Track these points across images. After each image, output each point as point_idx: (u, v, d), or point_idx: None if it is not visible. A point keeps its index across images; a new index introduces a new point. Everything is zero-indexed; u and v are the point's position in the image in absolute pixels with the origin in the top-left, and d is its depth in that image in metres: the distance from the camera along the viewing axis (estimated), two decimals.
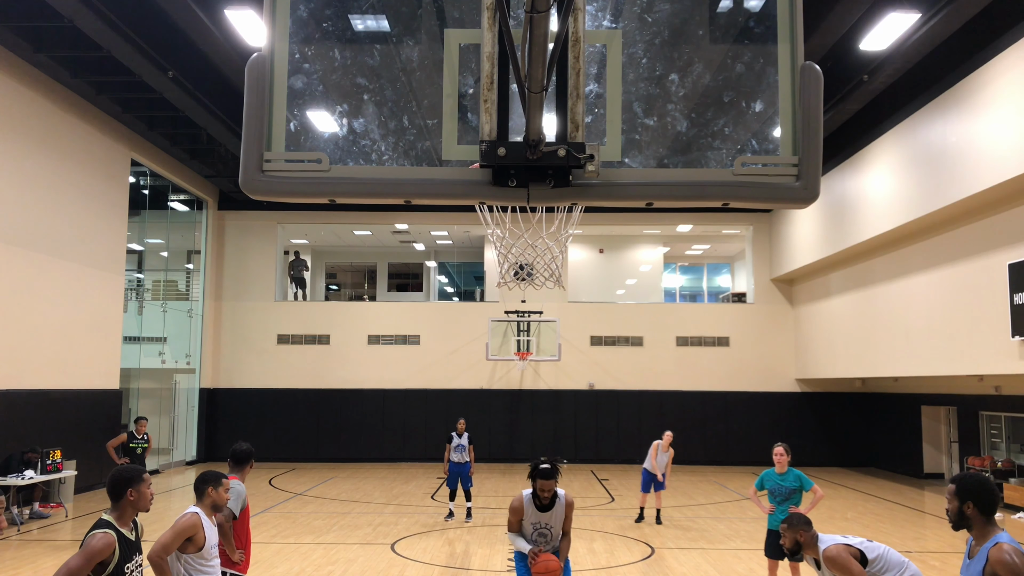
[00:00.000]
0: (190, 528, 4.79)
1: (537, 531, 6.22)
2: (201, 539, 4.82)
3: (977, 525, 3.90)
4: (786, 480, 8.59)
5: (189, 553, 4.79)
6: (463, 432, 13.86)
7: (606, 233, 26.29)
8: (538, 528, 6.21)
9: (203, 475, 5.10)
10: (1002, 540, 3.77)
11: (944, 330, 15.43)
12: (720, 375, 24.14)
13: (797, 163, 2.76)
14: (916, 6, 12.44)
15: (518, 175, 2.70)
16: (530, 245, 14.04)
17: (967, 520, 3.92)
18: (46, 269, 15.93)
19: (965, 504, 3.91)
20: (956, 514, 3.95)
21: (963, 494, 3.93)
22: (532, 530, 6.23)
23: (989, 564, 3.73)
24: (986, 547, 3.80)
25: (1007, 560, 3.67)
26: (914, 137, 15.65)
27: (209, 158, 21.35)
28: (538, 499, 6.16)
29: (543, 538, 6.21)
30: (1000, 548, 3.73)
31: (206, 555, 4.86)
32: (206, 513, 4.96)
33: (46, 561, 10.80)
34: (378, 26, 2.93)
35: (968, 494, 3.91)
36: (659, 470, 13.73)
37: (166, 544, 4.71)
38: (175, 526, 4.80)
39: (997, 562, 3.69)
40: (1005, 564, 3.67)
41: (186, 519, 4.83)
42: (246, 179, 2.74)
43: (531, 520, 6.21)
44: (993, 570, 3.71)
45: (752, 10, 2.97)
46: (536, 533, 6.22)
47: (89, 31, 13.22)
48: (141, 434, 14.42)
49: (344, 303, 27.85)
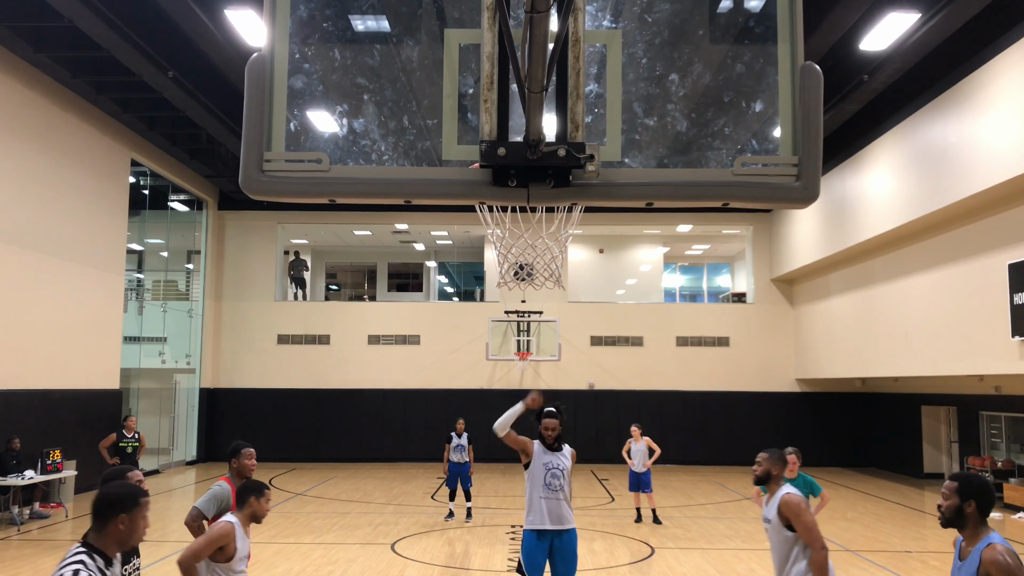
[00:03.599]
0: (223, 537, 4.70)
1: (549, 471, 6.68)
2: (232, 549, 4.73)
3: (972, 525, 3.90)
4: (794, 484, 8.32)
5: (218, 561, 4.73)
6: (462, 432, 13.88)
7: (606, 233, 26.28)
8: (550, 468, 6.68)
9: (246, 484, 5.00)
10: (994, 541, 3.79)
11: (944, 330, 15.43)
12: (720, 375, 24.14)
13: (797, 163, 2.75)
14: (916, 6, 12.43)
15: (518, 175, 2.70)
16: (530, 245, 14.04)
17: (964, 519, 3.92)
18: (46, 269, 15.93)
19: (967, 503, 3.90)
20: (954, 511, 3.94)
21: (966, 492, 3.91)
22: (545, 471, 6.69)
23: (983, 565, 3.74)
24: (978, 548, 3.81)
25: (1000, 561, 3.67)
26: (914, 137, 15.64)
27: (209, 158, 21.34)
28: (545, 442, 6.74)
29: (556, 479, 6.68)
30: (993, 548, 3.74)
31: (235, 565, 4.78)
32: (243, 523, 4.86)
33: (46, 561, 10.79)
34: (378, 26, 2.93)
35: (972, 493, 3.91)
36: (636, 463, 13.83)
37: (197, 551, 4.62)
38: (209, 533, 4.72)
39: (991, 563, 3.70)
40: (999, 565, 3.67)
41: (220, 527, 4.74)
42: (246, 179, 2.74)
43: (543, 460, 6.70)
44: (987, 571, 3.72)
45: (752, 10, 2.97)
46: (548, 474, 6.68)
47: (89, 31, 13.22)
48: (131, 432, 13.93)
49: (344, 303, 27.85)
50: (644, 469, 13.85)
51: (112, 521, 3.29)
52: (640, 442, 13.95)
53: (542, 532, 6.65)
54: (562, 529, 6.69)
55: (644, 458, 13.89)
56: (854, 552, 11.71)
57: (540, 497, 6.68)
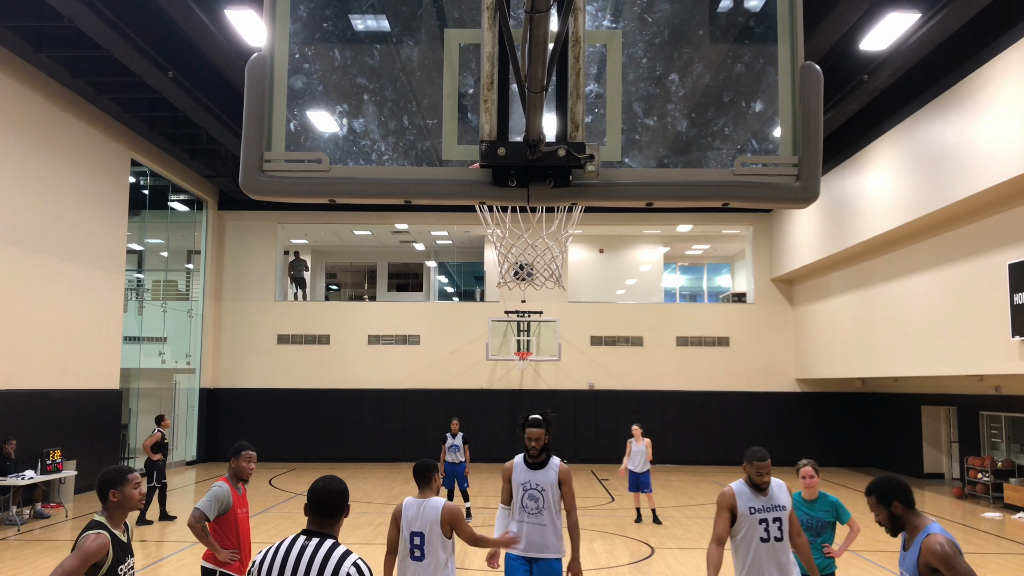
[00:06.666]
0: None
1: (527, 492, 5.87)
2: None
3: (908, 520, 4.10)
4: (817, 509, 6.39)
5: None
6: (457, 432, 13.97)
7: (606, 233, 26.28)
8: (528, 489, 5.87)
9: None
10: (932, 531, 3.98)
11: (944, 330, 15.43)
12: (720, 375, 24.14)
13: (797, 163, 2.75)
14: (916, 6, 12.44)
15: (518, 175, 2.70)
16: (530, 245, 14.05)
17: (899, 520, 4.12)
18: (46, 269, 15.93)
19: (892, 506, 4.11)
20: (889, 519, 4.14)
21: (886, 498, 4.13)
22: (522, 492, 5.89)
23: (922, 554, 3.94)
24: (919, 539, 4.01)
25: (938, 550, 3.88)
26: (914, 137, 15.64)
27: (209, 158, 21.34)
28: (528, 454, 5.91)
29: (533, 501, 5.84)
30: (932, 538, 3.93)
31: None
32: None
33: (46, 561, 10.79)
34: (378, 26, 2.93)
35: (889, 495, 4.12)
36: (635, 464, 13.84)
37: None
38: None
39: (929, 552, 3.91)
40: (936, 554, 3.87)
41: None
42: (246, 179, 2.74)
43: (521, 480, 5.91)
44: (926, 560, 3.92)
45: (752, 10, 2.97)
46: (526, 495, 5.87)
47: (89, 31, 13.22)
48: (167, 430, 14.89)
49: (344, 303, 27.85)
50: (643, 470, 13.84)
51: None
52: (641, 443, 13.94)
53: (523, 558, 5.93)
54: (541, 558, 5.89)
55: (643, 458, 13.89)
56: (854, 552, 11.72)
57: (517, 520, 5.93)
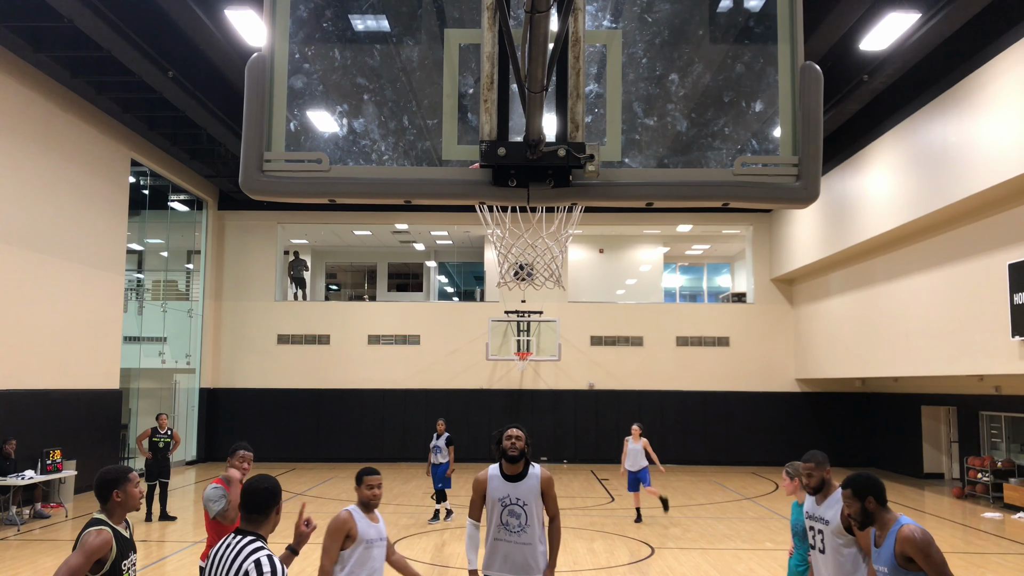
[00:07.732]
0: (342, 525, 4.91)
1: (506, 508, 5.20)
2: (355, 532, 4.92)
3: (879, 516, 4.23)
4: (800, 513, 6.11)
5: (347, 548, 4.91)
6: (442, 433, 14.02)
7: (606, 233, 26.29)
8: (508, 504, 5.20)
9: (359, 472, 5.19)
10: (905, 522, 4.12)
11: (944, 330, 15.43)
12: (720, 375, 24.14)
13: (797, 163, 2.75)
14: (916, 6, 12.44)
15: (518, 175, 2.70)
16: (530, 245, 14.05)
17: (871, 515, 4.24)
18: (46, 269, 15.93)
19: (867, 501, 4.25)
20: (861, 513, 4.27)
21: (861, 493, 4.26)
22: (501, 508, 5.21)
23: (898, 543, 4.05)
24: (892, 531, 4.13)
25: (916, 538, 4.00)
26: (914, 137, 15.64)
27: (209, 158, 21.34)
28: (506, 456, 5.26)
29: (515, 518, 5.18)
30: (907, 528, 4.06)
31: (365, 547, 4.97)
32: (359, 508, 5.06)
33: (46, 561, 10.80)
34: (378, 26, 2.93)
35: (865, 490, 4.25)
36: (633, 462, 13.85)
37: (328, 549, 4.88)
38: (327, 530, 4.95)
39: (906, 541, 4.02)
40: (913, 541, 3.99)
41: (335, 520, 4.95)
42: (246, 179, 2.74)
43: (498, 495, 5.23)
44: (902, 550, 4.02)
45: (752, 10, 2.97)
46: (506, 511, 5.20)
47: (89, 31, 13.22)
48: (164, 429, 14.64)
49: (344, 303, 27.84)
50: (638, 469, 13.86)
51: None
52: (638, 442, 13.95)
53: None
54: None
55: (638, 458, 13.89)
56: None
57: (495, 539, 5.23)
